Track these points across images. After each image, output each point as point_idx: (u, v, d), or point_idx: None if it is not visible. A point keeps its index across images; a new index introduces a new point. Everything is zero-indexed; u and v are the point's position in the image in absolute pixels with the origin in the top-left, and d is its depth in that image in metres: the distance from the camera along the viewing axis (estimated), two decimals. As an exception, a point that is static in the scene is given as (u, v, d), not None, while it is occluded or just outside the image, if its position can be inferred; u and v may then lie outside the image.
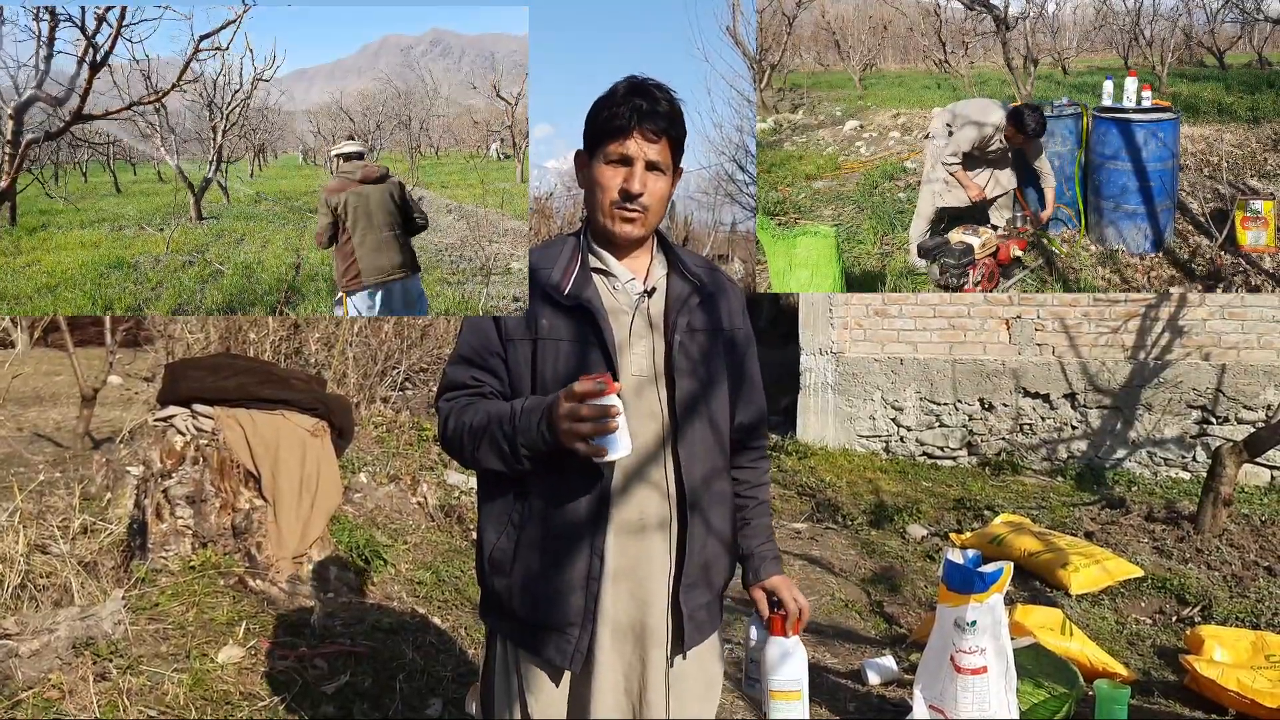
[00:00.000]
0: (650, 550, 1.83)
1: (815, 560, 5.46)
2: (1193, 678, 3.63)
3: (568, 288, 1.82)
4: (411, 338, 7.74)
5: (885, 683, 3.81)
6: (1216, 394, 7.32)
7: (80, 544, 4.03)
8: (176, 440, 3.98)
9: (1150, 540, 5.36)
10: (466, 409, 1.85)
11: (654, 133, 1.79)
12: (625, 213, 1.82)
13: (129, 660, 3.11)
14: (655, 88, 1.82)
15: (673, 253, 1.94)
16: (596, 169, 1.84)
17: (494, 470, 1.81)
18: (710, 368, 1.90)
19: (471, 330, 1.91)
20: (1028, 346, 7.75)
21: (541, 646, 1.82)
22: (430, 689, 3.39)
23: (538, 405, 1.72)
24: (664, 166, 1.83)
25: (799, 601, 1.95)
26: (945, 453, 7.96)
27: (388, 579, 4.42)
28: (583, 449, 1.65)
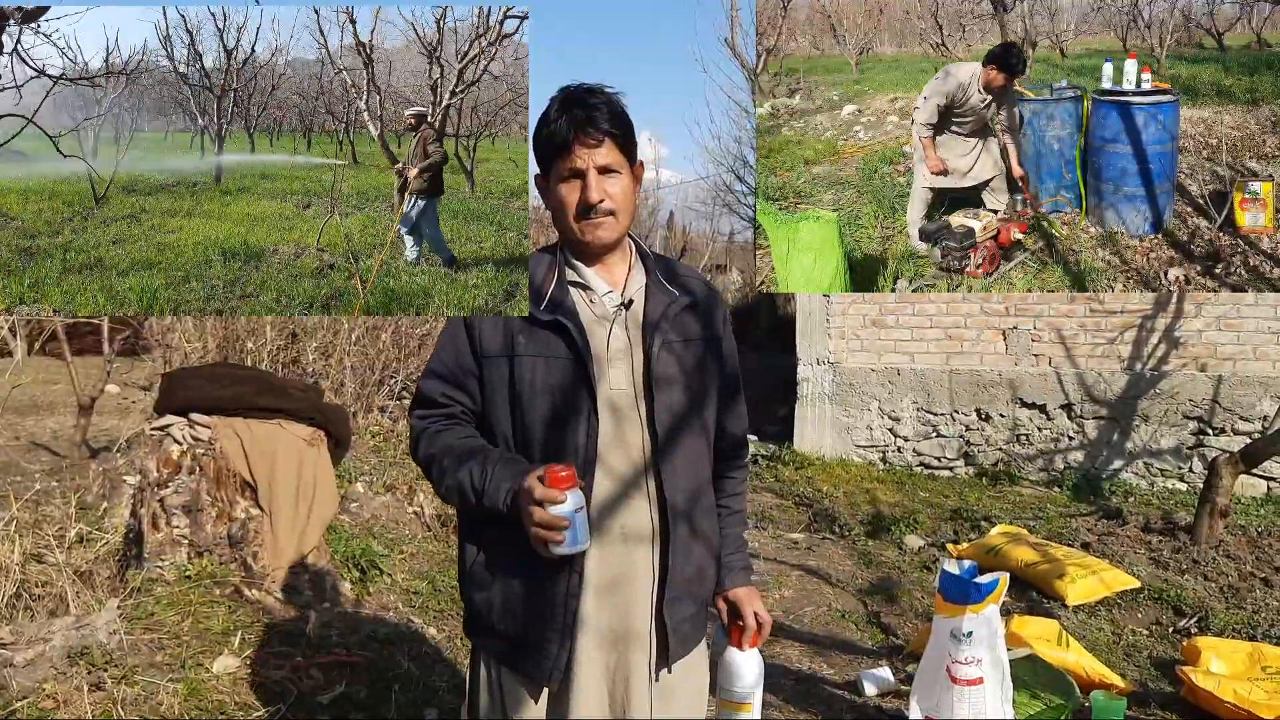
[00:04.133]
0: (634, 563, 1.82)
1: (812, 570, 5.45)
2: (1189, 689, 3.63)
3: (544, 302, 1.82)
4: (409, 347, 7.75)
5: (882, 693, 3.80)
6: (1213, 405, 7.33)
7: (76, 553, 4.02)
8: (173, 449, 3.98)
9: (1147, 551, 5.36)
10: (437, 437, 1.85)
11: (594, 139, 1.78)
12: (591, 221, 1.81)
13: (124, 670, 3.10)
14: (587, 93, 1.81)
15: (651, 262, 1.93)
16: (554, 189, 1.83)
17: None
18: (691, 378, 1.88)
19: (446, 344, 1.90)
20: (1024, 357, 7.76)
21: (520, 661, 1.82)
22: (425, 699, 3.38)
23: (507, 476, 1.73)
24: (616, 166, 1.81)
25: (760, 616, 1.94)
26: (942, 463, 7.97)
27: (384, 589, 4.41)
28: (537, 546, 1.68)
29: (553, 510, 1.64)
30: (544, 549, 1.67)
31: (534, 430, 1.80)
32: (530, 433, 1.80)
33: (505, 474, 1.73)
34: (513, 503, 1.70)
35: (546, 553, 1.68)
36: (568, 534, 1.65)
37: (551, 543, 1.66)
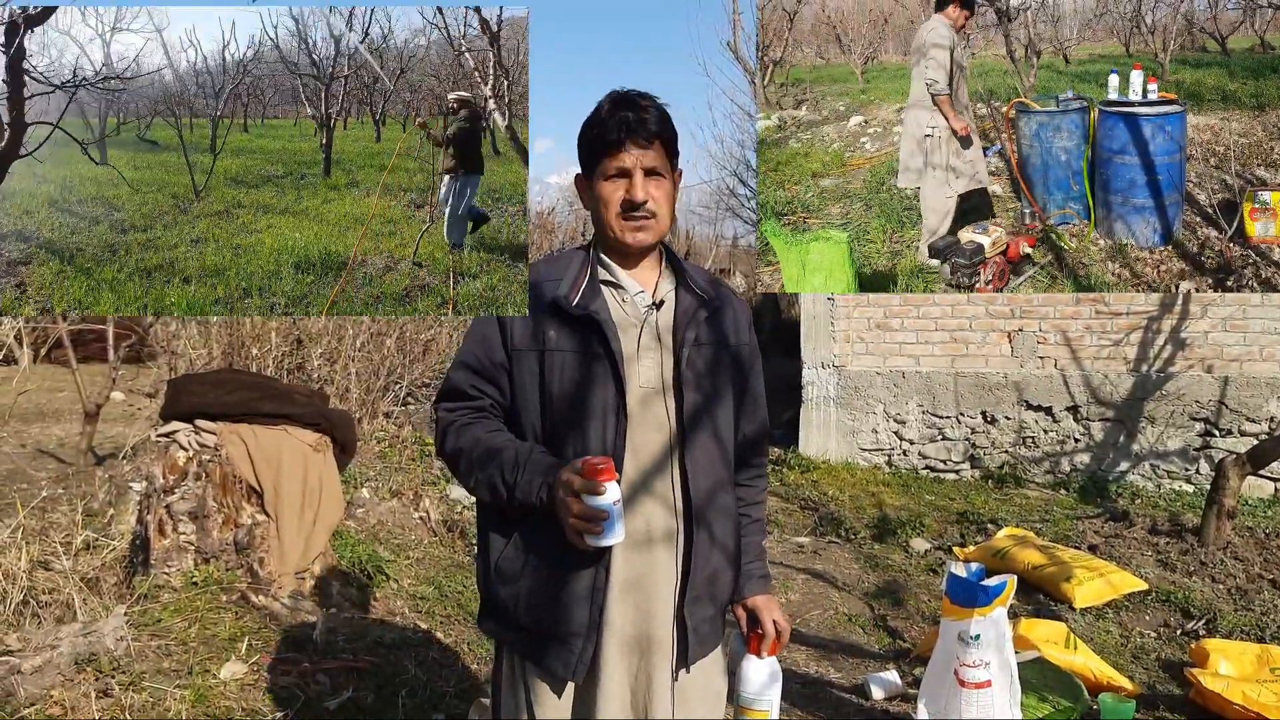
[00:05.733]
0: (656, 562, 1.83)
1: (818, 574, 5.44)
2: (1198, 691, 3.61)
3: (576, 299, 1.83)
4: (414, 353, 7.76)
5: (889, 697, 3.80)
6: (1219, 406, 7.31)
7: (83, 560, 4.03)
8: (179, 456, 3.98)
9: (1154, 553, 5.35)
10: (466, 430, 1.86)
11: (645, 140, 1.81)
12: (634, 222, 1.83)
13: (131, 676, 3.11)
14: (639, 96, 1.84)
15: (680, 266, 1.95)
16: (597, 186, 1.85)
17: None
18: (717, 381, 1.90)
19: (477, 337, 1.91)
20: (1030, 359, 7.74)
21: (545, 657, 1.82)
22: (433, 704, 3.38)
23: (540, 469, 1.74)
24: (662, 170, 1.85)
25: (779, 624, 1.96)
26: (948, 466, 7.95)
27: (390, 594, 4.41)
28: (574, 539, 1.70)
29: (592, 502, 1.65)
30: (581, 541, 1.69)
31: (561, 426, 1.81)
32: (558, 428, 1.82)
33: (538, 468, 1.75)
34: (547, 496, 1.72)
35: (584, 545, 1.69)
36: (605, 526, 1.66)
37: (590, 534, 1.67)
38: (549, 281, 1.87)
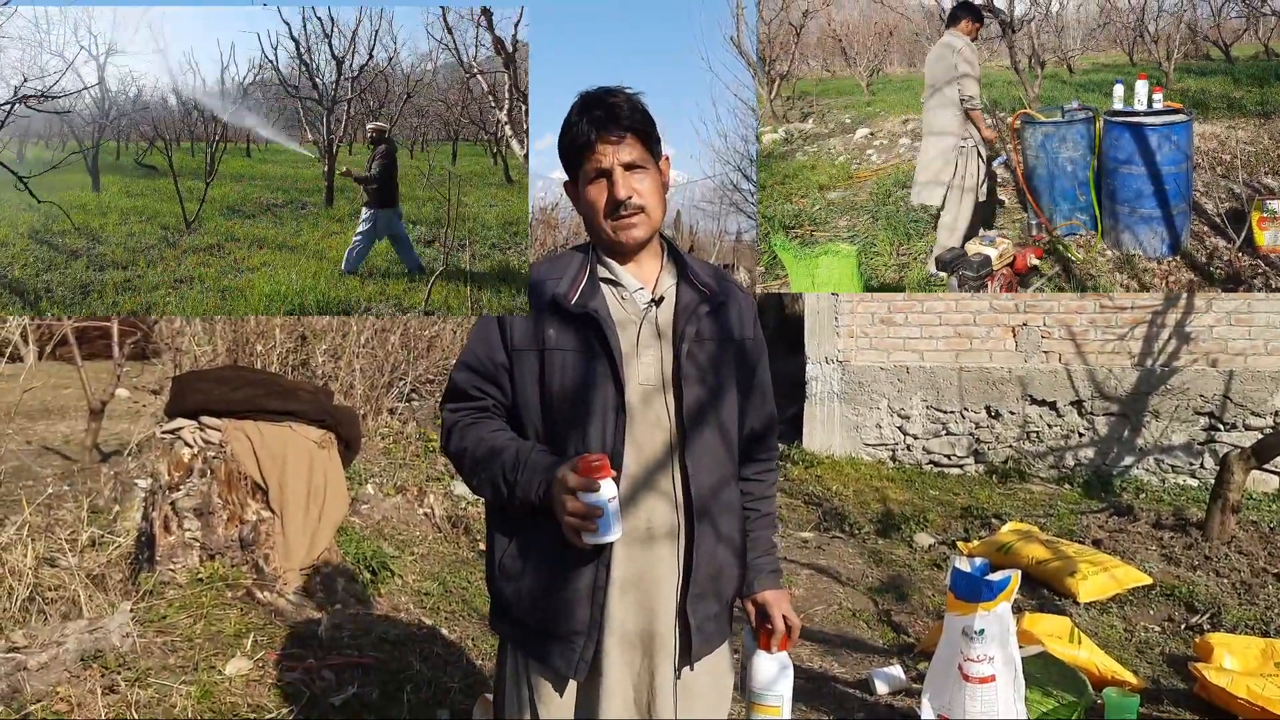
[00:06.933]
0: (658, 559, 1.83)
1: (822, 569, 5.45)
2: (1202, 685, 3.61)
3: (575, 298, 1.83)
4: (418, 349, 7.76)
5: (893, 692, 3.80)
6: (1224, 400, 7.30)
7: (88, 557, 4.04)
8: (184, 452, 3.99)
9: (1159, 547, 5.34)
10: (470, 430, 1.87)
11: (617, 136, 1.80)
12: (623, 220, 1.83)
13: (137, 673, 3.12)
14: (606, 94, 1.83)
15: (682, 261, 1.94)
16: (583, 191, 1.86)
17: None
18: (719, 376, 1.89)
19: (478, 337, 1.92)
20: (1034, 354, 7.74)
21: (547, 655, 1.83)
22: (437, 700, 3.39)
23: (540, 468, 1.75)
24: (642, 162, 1.83)
25: (789, 619, 1.96)
26: (952, 461, 7.95)
27: (395, 590, 4.42)
28: (570, 536, 1.71)
29: (586, 499, 1.66)
30: (577, 539, 1.69)
31: (562, 424, 1.82)
32: (558, 427, 1.82)
33: (538, 466, 1.76)
34: (545, 494, 1.73)
35: (580, 542, 1.70)
36: (601, 523, 1.67)
37: (585, 531, 1.68)
38: (549, 280, 1.87)
